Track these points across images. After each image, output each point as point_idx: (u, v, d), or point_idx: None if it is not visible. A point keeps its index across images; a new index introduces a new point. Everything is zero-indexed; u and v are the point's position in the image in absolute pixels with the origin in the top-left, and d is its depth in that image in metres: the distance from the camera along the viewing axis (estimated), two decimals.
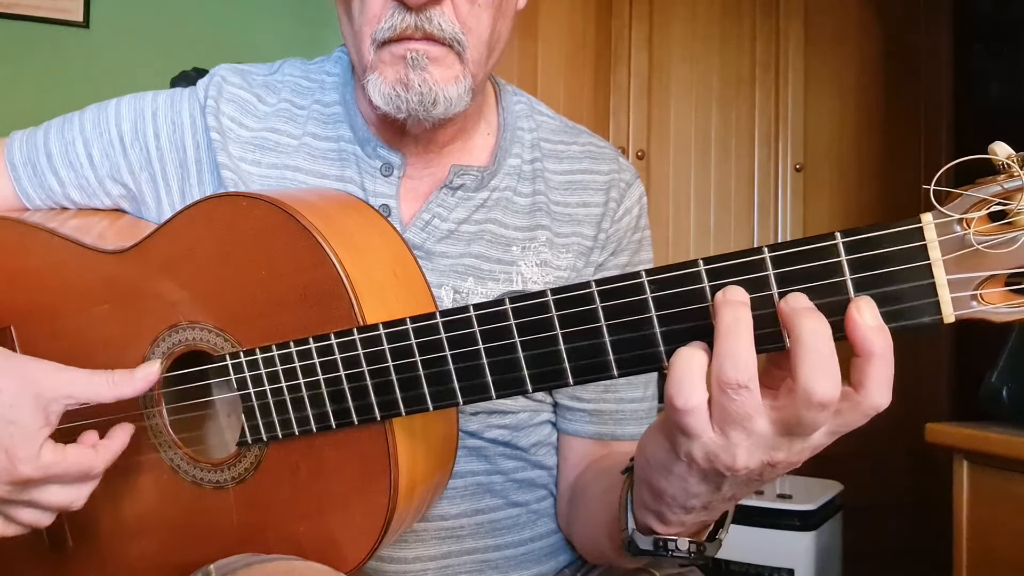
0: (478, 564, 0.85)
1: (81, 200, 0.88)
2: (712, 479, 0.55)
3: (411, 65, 0.75)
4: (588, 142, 0.94)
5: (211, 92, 0.86)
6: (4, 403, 0.65)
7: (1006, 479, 1.34)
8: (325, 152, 0.86)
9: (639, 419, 0.91)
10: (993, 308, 0.49)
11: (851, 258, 0.50)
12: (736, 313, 0.50)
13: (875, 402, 0.50)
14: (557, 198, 0.89)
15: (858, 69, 2.55)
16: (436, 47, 0.75)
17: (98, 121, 0.87)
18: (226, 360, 0.69)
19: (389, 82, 0.75)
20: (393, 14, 0.74)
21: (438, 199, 0.84)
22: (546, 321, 0.57)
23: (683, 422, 0.52)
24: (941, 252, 0.49)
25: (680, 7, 2.47)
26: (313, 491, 0.69)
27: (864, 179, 2.54)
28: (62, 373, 0.68)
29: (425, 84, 0.75)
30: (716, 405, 0.51)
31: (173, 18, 2.54)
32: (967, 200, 0.49)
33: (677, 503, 0.59)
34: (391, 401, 0.63)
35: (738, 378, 0.50)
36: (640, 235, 0.94)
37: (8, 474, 0.66)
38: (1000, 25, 2.35)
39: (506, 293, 0.84)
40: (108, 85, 1.74)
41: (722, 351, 0.50)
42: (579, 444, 0.90)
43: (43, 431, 0.67)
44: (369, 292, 0.66)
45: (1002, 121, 2.32)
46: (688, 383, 0.51)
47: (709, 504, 0.59)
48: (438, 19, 0.74)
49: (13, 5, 2.40)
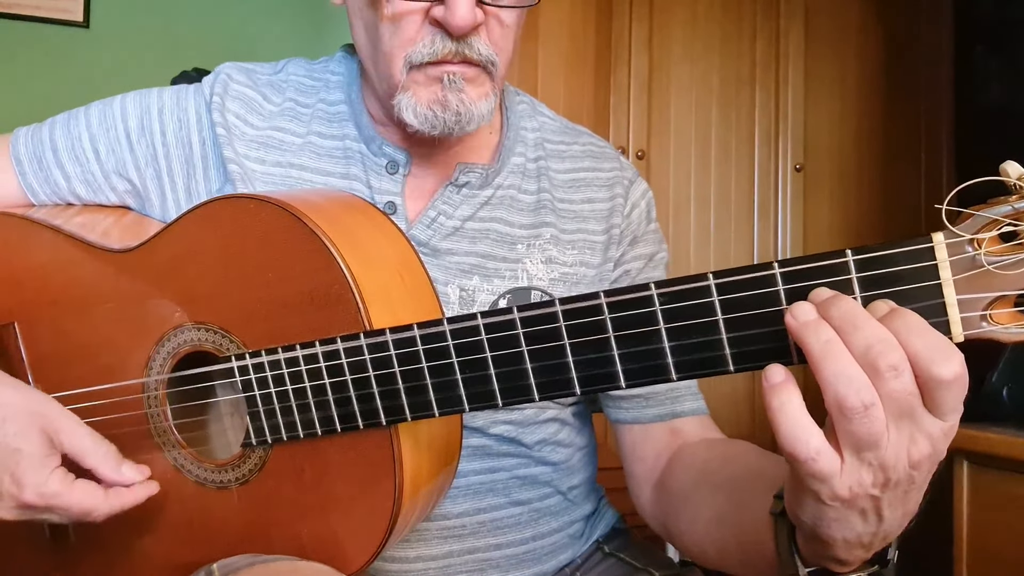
0: (479, 563, 0.85)
1: (86, 195, 0.88)
2: (870, 507, 0.52)
3: (448, 87, 0.76)
4: (589, 142, 0.96)
5: (217, 89, 0.87)
6: (10, 432, 0.66)
7: (1006, 479, 1.34)
8: (330, 150, 0.86)
9: (694, 393, 0.91)
10: (1003, 328, 0.49)
11: (861, 276, 0.50)
12: (820, 334, 0.48)
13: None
14: (561, 195, 0.90)
15: (858, 69, 2.55)
16: (471, 69, 0.77)
17: (104, 117, 0.87)
18: (232, 362, 0.69)
19: (424, 102, 0.77)
20: (434, 40, 0.75)
21: (443, 196, 0.85)
22: (554, 331, 0.57)
23: (813, 470, 0.49)
24: (952, 272, 0.49)
25: (680, 7, 2.47)
26: (317, 493, 0.69)
27: (864, 179, 2.54)
28: (66, 417, 0.70)
29: (463, 104, 0.77)
30: (845, 434, 0.48)
31: (173, 18, 2.54)
32: (978, 220, 0.49)
33: (852, 544, 0.55)
34: (397, 407, 0.63)
35: (863, 399, 0.47)
36: (654, 227, 0.95)
37: (14, 500, 0.67)
38: (1000, 25, 2.35)
39: (510, 290, 0.85)
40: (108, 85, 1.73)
41: (830, 378, 0.48)
42: (644, 432, 0.90)
43: (51, 459, 0.68)
44: (376, 296, 0.66)
45: (1002, 121, 2.31)
46: (801, 430, 0.49)
47: (884, 533, 0.55)
48: (477, 44, 0.76)
49: (13, 5, 2.39)
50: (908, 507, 0.54)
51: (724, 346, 0.53)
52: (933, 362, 0.47)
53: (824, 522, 0.53)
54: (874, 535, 0.54)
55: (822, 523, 0.53)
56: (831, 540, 0.55)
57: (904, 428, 0.49)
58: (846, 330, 0.48)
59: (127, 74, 2.46)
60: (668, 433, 0.89)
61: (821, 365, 0.48)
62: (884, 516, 0.53)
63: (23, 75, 2.41)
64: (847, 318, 0.48)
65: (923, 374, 0.47)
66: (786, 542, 0.60)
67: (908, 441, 0.49)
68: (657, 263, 0.95)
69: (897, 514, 0.54)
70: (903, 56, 2.55)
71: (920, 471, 0.50)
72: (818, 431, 0.49)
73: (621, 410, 0.91)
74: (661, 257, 0.96)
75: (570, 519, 0.93)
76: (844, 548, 0.55)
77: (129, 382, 0.75)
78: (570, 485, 0.93)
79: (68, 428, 0.69)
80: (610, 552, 0.95)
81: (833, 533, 0.54)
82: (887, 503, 0.52)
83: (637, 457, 0.90)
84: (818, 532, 0.55)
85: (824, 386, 0.48)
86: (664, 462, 0.87)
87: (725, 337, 0.53)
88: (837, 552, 0.56)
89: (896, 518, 0.54)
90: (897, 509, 0.53)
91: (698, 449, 0.86)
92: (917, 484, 0.52)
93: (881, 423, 0.48)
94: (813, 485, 0.51)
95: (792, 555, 0.60)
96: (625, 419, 0.90)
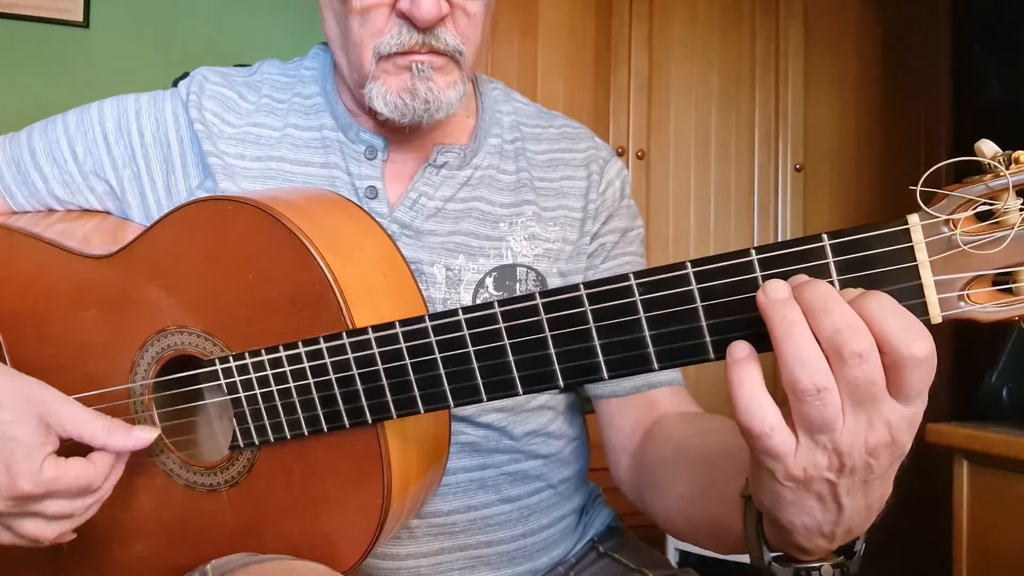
0: (471, 560, 0.85)
1: (65, 197, 0.89)
2: (827, 493, 0.52)
3: (416, 75, 0.79)
4: (564, 124, 0.99)
5: (193, 89, 0.89)
6: (5, 419, 0.66)
7: (1006, 479, 1.34)
8: (308, 141, 0.88)
9: None
10: (980, 308, 0.49)
11: (838, 260, 0.50)
12: (786, 314, 0.48)
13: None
14: (540, 174, 0.92)
15: (858, 69, 2.54)
16: (439, 58, 0.79)
17: (81, 121, 0.88)
18: (216, 365, 0.69)
19: (394, 91, 0.79)
20: (401, 31, 0.77)
21: (423, 177, 0.87)
22: (535, 324, 0.57)
23: (767, 446, 0.50)
24: (928, 253, 0.49)
25: (680, 7, 2.47)
26: (307, 493, 0.69)
27: (864, 179, 2.54)
28: (66, 403, 0.68)
29: (431, 92, 0.79)
30: (798, 415, 0.49)
31: (173, 18, 2.54)
32: (953, 201, 0.49)
33: (812, 531, 0.55)
34: (382, 404, 0.63)
35: (815, 382, 0.47)
36: (628, 202, 0.97)
37: (8, 489, 0.66)
38: (1000, 25, 2.35)
39: (496, 267, 0.86)
40: (108, 85, 1.74)
41: (788, 358, 0.48)
42: (622, 407, 0.90)
43: (45, 448, 0.67)
44: (358, 295, 0.66)
45: (1002, 121, 2.31)
46: (757, 405, 0.49)
47: (845, 522, 0.54)
48: (443, 35, 0.78)
49: (13, 5, 2.40)
50: (871, 499, 0.54)
51: (704, 333, 0.53)
52: (904, 341, 0.46)
53: (781, 504, 0.53)
54: (835, 524, 0.54)
55: (779, 505, 0.54)
56: (791, 526, 0.55)
57: (862, 414, 0.49)
58: (815, 312, 0.48)
59: (127, 74, 2.47)
60: (645, 404, 0.89)
61: (781, 345, 0.48)
62: (843, 504, 0.53)
63: (23, 75, 2.41)
64: (818, 300, 0.48)
65: (892, 352, 0.47)
66: (753, 526, 0.60)
67: (866, 427, 0.49)
68: (632, 239, 0.96)
69: (858, 504, 0.53)
70: (902, 55, 2.55)
71: (878, 459, 0.50)
72: (775, 409, 0.49)
73: (597, 385, 0.91)
74: (636, 233, 0.97)
75: (561, 514, 0.93)
76: (804, 535, 0.55)
77: (114, 388, 0.75)
78: (561, 478, 0.93)
79: (67, 413, 0.68)
80: (604, 552, 0.95)
81: (792, 518, 0.54)
82: (844, 490, 0.52)
83: (615, 427, 0.91)
84: (777, 516, 0.55)
85: (781, 365, 0.48)
86: (641, 432, 0.88)
87: (705, 324, 0.53)
88: (798, 539, 0.56)
89: (858, 509, 0.54)
90: (857, 499, 0.53)
91: (675, 422, 0.86)
92: (877, 474, 0.51)
93: (834, 408, 0.48)
94: (768, 463, 0.51)
95: (758, 539, 0.60)
96: (603, 393, 0.92)
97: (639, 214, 0.99)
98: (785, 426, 0.50)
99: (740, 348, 0.51)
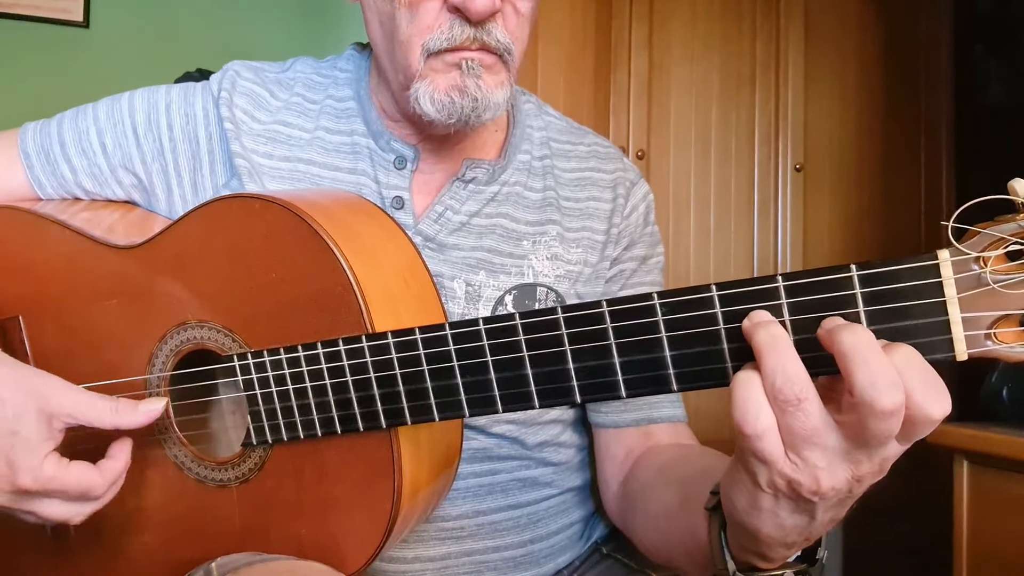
0: (477, 565, 0.85)
1: (93, 188, 0.89)
2: (803, 508, 0.53)
3: (466, 72, 0.76)
4: (594, 142, 0.97)
5: (225, 85, 0.87)
6: (8, 414, 0.65)
7: (1006, 479, 1.34)
8: (338, 146, 0.87)
9: (672, 401, 0.91)
10: (1007, 347, 0.49)
11: (865, 291, 0.50)
12: (770, 331, 0.49)
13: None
14: (567, 194, 0.91)
15: (858, 69, 2.55)
16: (489, 56, 0.77)
17: (112, 112, 0.88)
18: (234, 361, 0.69)
19: (443, 89, 0.77)
20: (452, 26, 0.75)
21: (450, 191, 0.86)
22: (556, 338, 0.57)
23: (756, 448, 0.50)
24: (957, 289, 0.49)
25: (680, 7, 2.47)
26: (317, 494, 0.69)
27: (864, 179, 2.54)
28: (68, 391, 0.68)
29: (480, 91, 0.77)
30: (784, 428, 0.49)
31: (173, 18, 2.54)
32: (984, 238, 0.48)
33: (775, 540, 0.56)
34: (397, 410, 0.63)
35: (794, 392, 0.48)
36: (651, 229, 0.96)
37: (8, 483, 0.66)
38: (1000, 25, 2.35)
39: (516, 286, 0.86)
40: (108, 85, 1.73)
41: (769, 369, 0.49)
42: (619, 436, 0.90)
43: (47, 443, 0.67)
44: (379, 300, 0.66)
45: (1002, 121, 2.32)
46: (753, 405, 0.50)
47: (809, 534, 0.56)
48: (495, 31, 0.76)
49: (13, 5, 2.39)
50: (839, 514, 0.55)
51: (726, 358, 0.53)
52: (927, 401, 0.47)
53: (756, 510, 0.54)
54: (800, 535, 0.55)
55: (753, 511, 0.54)
56: (757, 532, 0.55)
57: (863, 453, 0.50)
58: (855, 360, 0.47)
59: (127, 74, 2.46)
60: (641, 435, 0.90)
61: (764, 357, 0.49)
62: (816, 519, 0.54)
63: (23, 75, 2.41)
64: (861, 346, 0.47)
65: (913, 408, 0.47)
66: (717, 537, 0.61)
67: (865, 462, 0.50)
68: (652, 267, 0.96)
69: (827, 518, 0.54)
70: (903, 55, 2.55)
71: (862, 484, 0.52)
72: (770, 413, 0.50)
73: (600, 414, 0.91)
74: (656, 261, 0.96)
75: (569, 521, 0.93)
76: (767, 544, 0.56)
77: (132, 378, 0.75)
78: (571, 486, 0.93)
79: (70, 402, 0.67)
80: (608, 553, 0.95)
81: (760, 525, 0.55)
82: (822, 508, 0.53)
83: (609, 455, 0.91)
84: (746, 521, 0.55)
85: (763, 376, 0.49)
86: (632, 461, 0.88)
87: (727, 348, 0.53)
88: (762, 547, 0.57)
89: (826, 522, 0.55)
90: (828, 513, 0.54)
91: (663, 449, 0.87)
92: (856, 495, 0.53)
93: (819, 420, 0.49)
94: (754, 465, 0.52)
95: (722, 550, 0.61)
96: (604, 423, 0.91)
97: (660, 240, 0.98)
98: (777, 434, 0.50)
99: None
